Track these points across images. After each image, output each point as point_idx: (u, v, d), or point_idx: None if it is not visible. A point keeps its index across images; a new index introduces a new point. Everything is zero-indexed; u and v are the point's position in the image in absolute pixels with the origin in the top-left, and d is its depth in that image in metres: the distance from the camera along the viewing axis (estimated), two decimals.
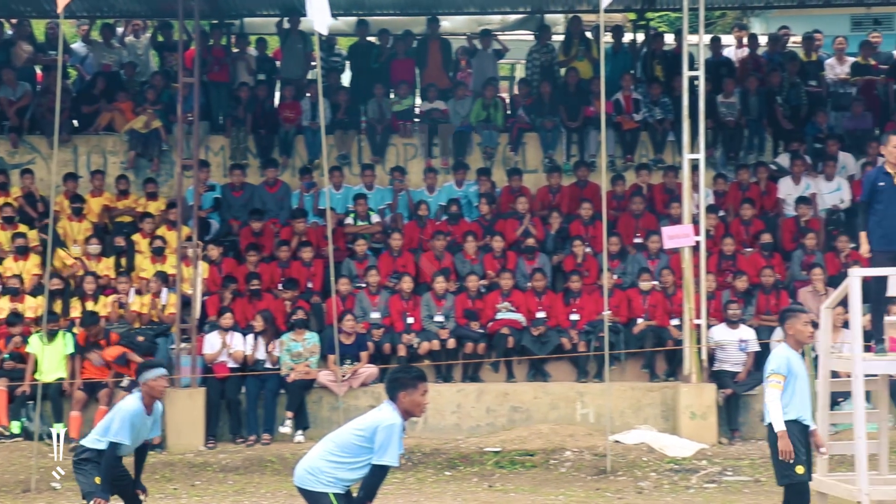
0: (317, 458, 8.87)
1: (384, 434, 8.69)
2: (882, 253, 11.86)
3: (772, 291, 17.95)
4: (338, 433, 8.96)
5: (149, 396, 10.76)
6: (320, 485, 8.78)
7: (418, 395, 8.85)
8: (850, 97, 21.16)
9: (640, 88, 21.03)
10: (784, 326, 10.66)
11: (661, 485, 15.05)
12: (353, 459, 8.79)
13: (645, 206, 19.40)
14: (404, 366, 10.71)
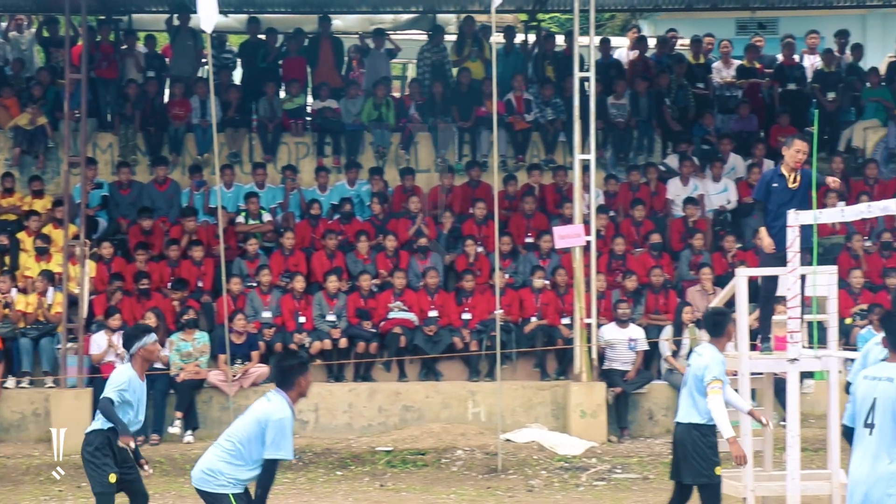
0: (214, 458, 8.81)
1: (276, 428, 8.68)
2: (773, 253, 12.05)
3: (661, 291, 18.18)
4: (232, 431, 8.90)
5: (145, 361, 10.46)
6: (219, 486, 8.72)
7: (310, 375, 9.04)
8: (736, 100, 21.51)
9: (532, 89, 21.17)
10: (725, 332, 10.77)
11: (551, 483, 15.16)
12: (249, 457, 8.75)
13: (536, 206, 19.52)
14: (288, 351, 10.63)
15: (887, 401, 7.46)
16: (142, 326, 10.75)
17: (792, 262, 11.21)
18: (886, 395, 7.48)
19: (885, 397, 7.48)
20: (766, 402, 12.50)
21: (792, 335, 11.12)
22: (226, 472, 8.71)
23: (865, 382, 7.66)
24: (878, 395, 7.51)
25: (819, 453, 14.11)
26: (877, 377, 7.57)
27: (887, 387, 7.49)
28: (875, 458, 7.45)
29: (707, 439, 10.46)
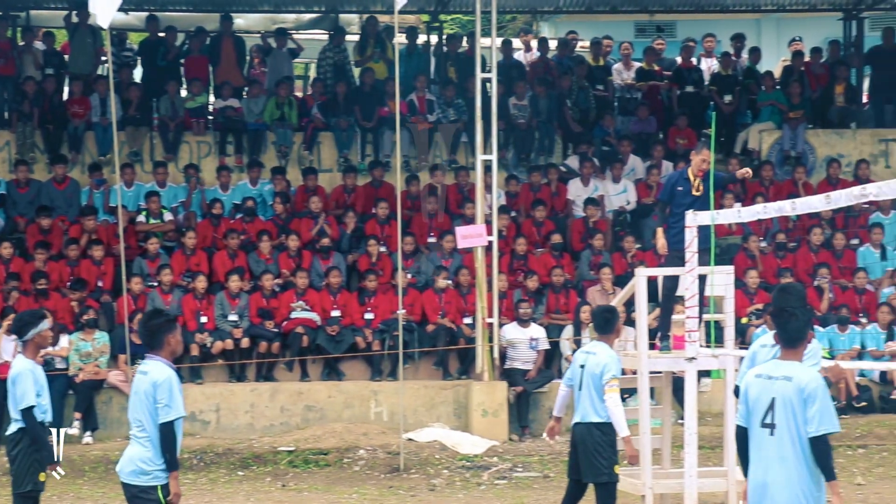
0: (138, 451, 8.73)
1: (163, 390, 8.59)
2: (673, 252, 12.23)
3: (561, 291, 18.35)
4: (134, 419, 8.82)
5: (38, 348, 10.24)
6: (150, 479, 8.66)
7: (178, 333, 8.88)
8: (636, 101, 21.78)
9: (434, 90, 21.25)
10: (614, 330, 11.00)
11: (453, 482, 15.23)
12: None
13: (439, 206, 19.60)
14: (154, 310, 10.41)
15: (787, 400, 7.36)
16: (37, 313, 10.59)
17: (690, 263, 11.39)
18: (785, 395, 7.36)
19: (783, 397, 7.37)
20: (664, 400, 12.69)
21: (690, 334, 11.30)
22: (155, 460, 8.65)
23: (759, 382, 7.51)
24: (776, 395, 7.39)
25: (716, 451, 14.36)
26: (772, 376, 7.45)
27: (785, 386, 7.37)
28: (780, 459, 7.36)
29: (608, 438, 10.65)
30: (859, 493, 14.00)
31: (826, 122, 21.77)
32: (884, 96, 21.91)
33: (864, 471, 15.22)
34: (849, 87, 22.05)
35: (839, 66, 22.00)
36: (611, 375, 10.58)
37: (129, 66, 21.60)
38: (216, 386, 17.39)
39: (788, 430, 7.35)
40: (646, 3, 23.82)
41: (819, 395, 7.32)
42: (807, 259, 19.08)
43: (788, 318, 7.54)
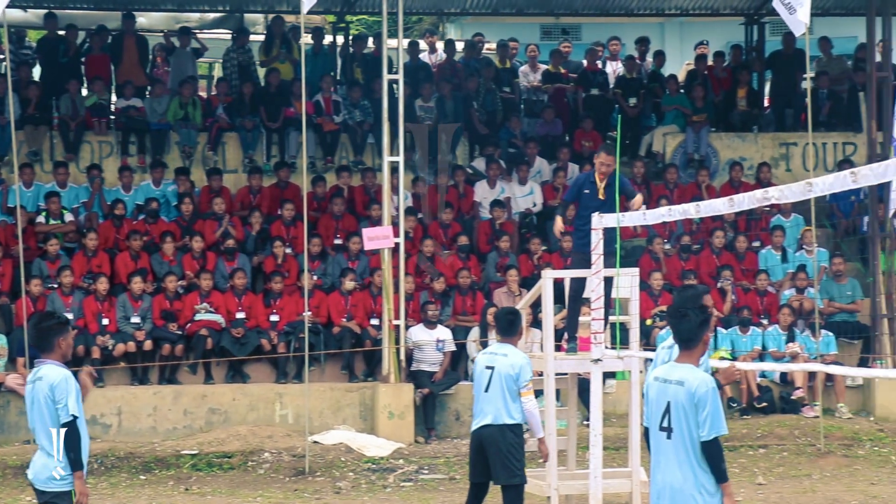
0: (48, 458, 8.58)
1: (59, 392, 8.49)
2: (580, 254, 12.29)
3: (468, 292, 18.36)
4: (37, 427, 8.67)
5: None
6: (61, 483, 8.53)
7: (70, 336, 8.78)
8: (542, 104, 21.87)
9: (341, 90, 21.16)
10: (518, 332, 11.03)
11: (358, 484, 15.17)
12: None
13: (345, 207, 19.52)
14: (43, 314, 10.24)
15: (679, 405, 7.44)
16: None
17: (596, 265, 11.45)
18: (678, 400, 7.44)
19: (676, 402, 7.45)
20: (570, 402, 12.74)
21: (595, 336, 11.35)
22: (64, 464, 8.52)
23: (657, 384, 7.59)
24: (670, 399, 7.47)
25: (620, 451, 14.47)
26: (668, 380, 7.52)
27: (678, 391, 7.45)
28: (678, 463, 7.44)
29: (519, 439, 10.69)
30: (760, 493, 14.16)
31: (729, 126, 22.04)
32: (784, 100, 22.23)
33: (765, 471, 15.41)
34: (751, 91, 22.34)
35: (741, 70, 22.29)
36: (528, 378, 10.61)
37: (28, 65, 21.23)
38: (118, 389, 17.15)
39: (681, 433, 7.44)
40: (551, 6, 23.93)
41: (709, 400, 7.41)
42: (710, 261, 19.28)
43: (680, 319, 7.62)
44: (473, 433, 10.92)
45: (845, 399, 17.72)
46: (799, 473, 15.49)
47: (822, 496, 14.19)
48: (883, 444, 16.58)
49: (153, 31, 22.97)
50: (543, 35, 28.69)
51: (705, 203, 10.75)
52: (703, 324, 7.64)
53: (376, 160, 19.78)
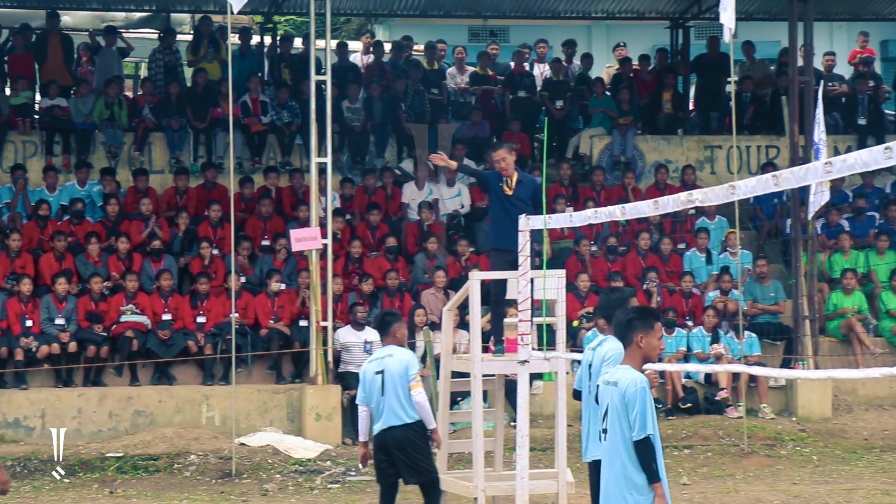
0: None
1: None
2: (498, 252, 12.33)
3: (396, 294, 18.37)
4: None
5: None
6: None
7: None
8: (470, 106, 21.94)
9: (268, 91, 21.09)
10: (390, 331, 11.29)
11: (285, 486, 15.13)
12: None
13: (273, 208, 19.46)
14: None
15: (614, 406, 7.55)
16: None
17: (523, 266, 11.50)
18: (613, 401, 7.55)
19: (612, 403, 7.56)
20: (497, 403, 12.78)
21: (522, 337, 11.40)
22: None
23: (601, 388, 7.73)
24: (608, 401, 7.59)
25: (547, 452, 14.55)
26: (609, 381, 7.64)
27: (613, 392, 7.56)
28: (610, 464, 7.54)
29: (424, 435, 10.88)
30: (685, 493, 14.30)
31: (654, 129, 22.25)
32: (709, 104, 22.47)
33: (690, 471, 15.56)
34: (676, 94, 22.57)
35: (666, 73, 22.50)
36: (414, 372, 10.96)
37: None
38: (42, 391, 16.97)
39: (614, 434, 7.54)
40: (479, 9, 24.01)
41: (637, 399, 7.47)
42: (636, 263, 19.44)
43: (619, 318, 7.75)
44: (377, 436, 11.21)
45: (768, 400, 17.94)
46: (723, 473, 15.66)
47: (745, 496, 14.36)
48: (805, 444, 16.82)
49: (78, 30, 22.76)
50: (471, 37, 28.77)
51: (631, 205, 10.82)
52: (630, 324, 7.69)
53: (304, 161, 19.73)
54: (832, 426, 17.36)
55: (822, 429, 17.27)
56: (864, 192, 20.87)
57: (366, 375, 11.29)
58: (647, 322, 7.73)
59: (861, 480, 14.86)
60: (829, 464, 15.94)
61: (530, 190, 12.25)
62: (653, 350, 7.73)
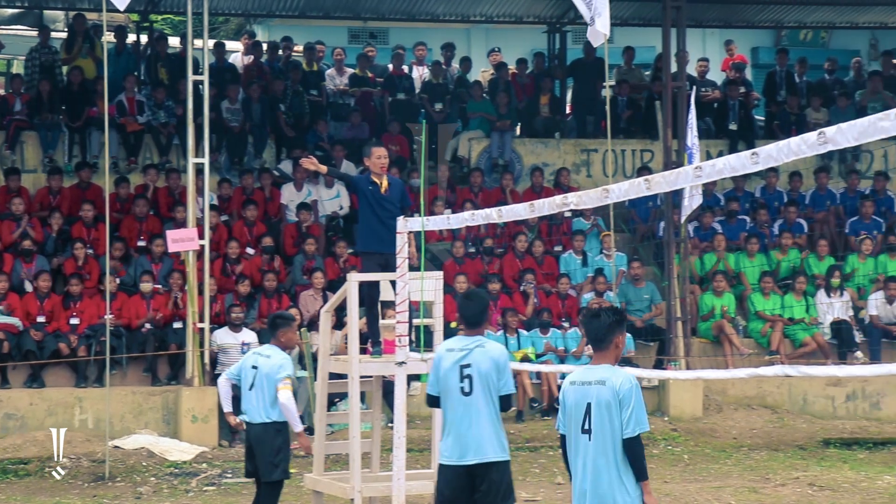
0: None
1: None
2: (371, 255, 12.36)
3: (274, 295, 18.30)
4: None
5: None
6: None
7: None
8: (349, 107, 21.95)
9: (145, 91, 20.87)
10: (277, 333, 11.34)
11: (160, 489, 14.99)
12: None
13: (149, 208, 19.26)
14: None
15: (602, 404, 7.47)
16: None
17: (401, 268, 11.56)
18: (601, 399, 7.47)
19: (599, 401, 7.48)
20: (374, 404, 12.82)
21: (400, 339, 11.45)
22: None
23: (574, 388, 7.60)
24: (591, 400, 7.49)
25: (424, 454, 14.62)
26: (587, 382, 7.56)
27: (601, 390, 7.49)
28: (598, 464, 7.47)
29: (284, 435, 10.98)
30: (559, 493, 14.45)
31: (532, 132, 22.47)
32: (586, 108, 22.75)
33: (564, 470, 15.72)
34: (553, 98, 22.82)
35: (544, 77, 22.74)
36: (285, 374, 11.03)
37: None
38: None
39: (603, 434, 7.46)
40: (358, 10, 24.01)
41: (633, 396, 7.45)
42: (513, 265, 19.61)
43: (591, 319, 7.71)
44: (246, 430, 11.36)
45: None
46: None
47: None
48: (676, 443, 17.13)
49: None
50: (351, 39, 28.76)
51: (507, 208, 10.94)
52: (614, 325, 7.68)
53: (181, 161, 19.56)
54: (703, 426, 17.71)
55: (692, 428, 17.60)
56: (736, 196, 21.31)
57: (245, 362, 11.40)
58: (623, 325, 7.79)
59: (729, 478, 15.17)
60: (700, 462, 16.25)
61: (399, 192, 12.34)
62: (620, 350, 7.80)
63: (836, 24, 25.64)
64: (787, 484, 14.73)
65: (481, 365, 9.01)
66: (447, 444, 9.08)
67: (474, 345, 9.11)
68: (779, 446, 17.13)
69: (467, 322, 9.35)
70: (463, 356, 9.07)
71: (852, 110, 21.79)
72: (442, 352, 9.21)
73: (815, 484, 14.67)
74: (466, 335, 9.25)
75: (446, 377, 9.07)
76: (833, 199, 21.43)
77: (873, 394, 18.59)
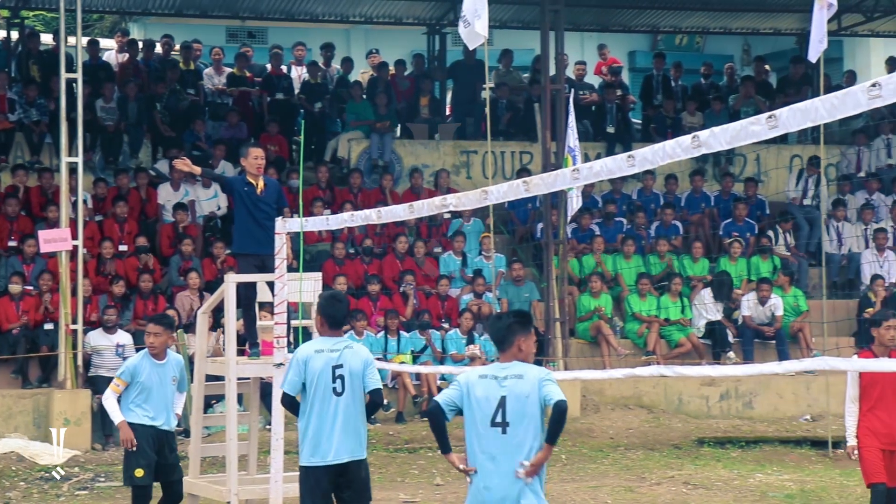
0: None
1: None
2: (246, 256, 12.25)
3: (149, 296, 18.06)
4: None
5: None
6: None
7: None
8: (227, 107, 21.74)
9: (16, 88, 20.45)
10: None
11: (30, 494, 14.68)
12: None
13: (20, 208, 18.88)
14: None
15: (520, 397, 7.60)
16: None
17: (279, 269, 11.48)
18: (519, 392, 7.60)
19: (516, 394, 7.60)
20: (252, 406, 12.71)
21: (278, 340, 11.37)
22: None
23: (485, 381, 7.70)
24: (507, 394, 7.60)
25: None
26: (499, 376, 7.65)
27: (518, 383, 7.62)
28: (510, 454, 7.62)
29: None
30: (437, 493, 14.48)
31: (412, 133, 22.47)
32: (465, 109, 22.84)
33: (443, 471, 15.74)
34: (433, 99, 22.85)
35: (423, 79, 22.77)
36: (118, 374, 11.10)
37: None
38: None
39: (522, 424, 7.61)
40: (236, 9, 23.81)
41: (550, 378, 7.66)
42: (393, 266, 19.60)
43: (495, 320, 7.89)
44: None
45: None
46: None
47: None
48: None
49: None
50: (229, 38, 28.50)
51: (386, 209, 10.94)
52: (515, 326, 7.80)
53: (54, 160, 19.21)
54: (580, 426, 17.86)
55: (570, 428, 17.71)
56: (613, 198, 21.54)
57: None
58: (527, 327, 7.88)
59: (606, 478, 15.32)
60: (577, 462, 16.38)
61: (275, 193, 12.25)
62: (531, 353, 7.89)
63: (710, 29, 26.05)
64: (662, 483, 14.92)
65: (353, 365, 9.13)
66: (314, 445, 9.11)
67: (343, 345, 9.22)
68: (654, 445, 17.35)
69: (334, 322, 9.34)
70: (335, 357, 9.14)
71: (726, 114, 22.17)
72: (309, 353, 9.17)
73: (689, 482, 14.88)
74: (331, 336, 9.26)
75: (318, 378, 9.09)
76: (708, 202, 21.78)
77: (746, 393, 18.92)
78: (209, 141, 20.95)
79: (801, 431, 18.02)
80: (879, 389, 10.25)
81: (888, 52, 25.52)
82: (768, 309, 19.45)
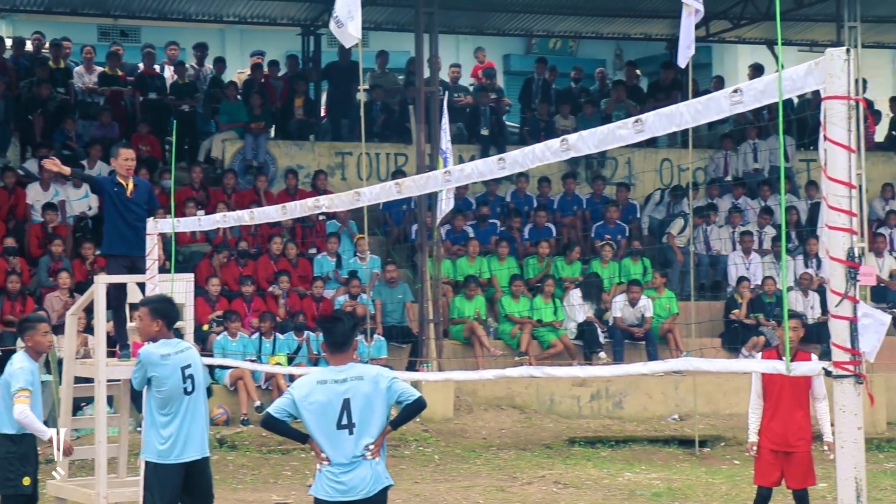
0: None
1: None
2: (116, 257, 12.13)
3: (17, 297, 17.76)
4: None
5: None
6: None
7: None
8: (98, 106, 21.46)
9: None
10: (24, 338, 10.57)
11: None
12: None
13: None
14: None
15: (366, 397, 7.66)
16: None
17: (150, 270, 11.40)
18: (363, 393, 7.66)
19: (360, 395, 7.65)
20: (122, 408, 12.60)
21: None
22: None
23: (325, 387, 7.66)
24: (350, 396, 7.65)
25: None
26: (339, 380, 7.67)
27: (360, 385, 7.66)
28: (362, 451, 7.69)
29: (18, 448, 10.25)
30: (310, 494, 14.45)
31: (286, 134, 22.42)
32: (340, 110, 22.84)
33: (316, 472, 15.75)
34: (308, 100, 22.82)
35: (298, 79, 22.72)
36: (18, 387, 10.03)
37: None
38: None
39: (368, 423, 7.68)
40: (107, 8, 23.50)
41: (395, 377, 7.81)
42: (267, 267, 19.52)
43: (335, 323, 7.85)
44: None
45: None
46: None
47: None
48: (427, 444, 17.33)
49: None
50: (101, 36, 28.12)
51: (259, 210, 10.94)
52: (355, 328, 7.97)
53: None
54: (454, 426, 17.98)
55: (444, 429, 17.85)
56: (487, 200, 21.71)
57: None
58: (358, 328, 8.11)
59: (478, 478, 15.44)
60: (450, 462, 16.49)
61: (146, 194, 12.16)
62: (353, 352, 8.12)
63: (582, 33, 26.38)
64: (533, 482, 15.08)
65: (199, 365, 9.50)
66: (167, 443, 9.30)
67: (186, 347, 9.57)
68: (526, 445, 17.53)
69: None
70: (182, 358, 9.36)
71: (598, 118, 22.49)
72: (155, 356, 9.27)
73: (560, 482, 15.07)
74: (169, 339, 9.41)
75: (168, 379, 9.29)
76: (580, 204, 22.07)
77: (616, 393, 19.19)
78: (80, 140, 20.65)
79: (669, 431, 18.34)
80: (777, 390, 10.61)
81: (755, 58, 26.11)
82: (638, 310, 19.78)
